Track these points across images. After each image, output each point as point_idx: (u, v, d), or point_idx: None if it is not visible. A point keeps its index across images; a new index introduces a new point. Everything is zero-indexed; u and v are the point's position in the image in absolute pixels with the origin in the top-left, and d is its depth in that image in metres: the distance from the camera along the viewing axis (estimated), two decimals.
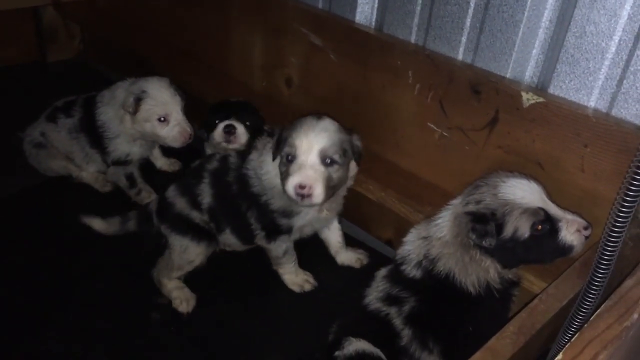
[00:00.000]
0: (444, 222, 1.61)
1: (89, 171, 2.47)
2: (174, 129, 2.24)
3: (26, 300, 1.93)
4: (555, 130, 1.70)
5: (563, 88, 1.72)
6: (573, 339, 1.05)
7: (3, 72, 3.29)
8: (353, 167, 1.87)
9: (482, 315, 1.57)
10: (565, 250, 1.53)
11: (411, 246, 1.67)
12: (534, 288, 1.68)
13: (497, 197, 1.52)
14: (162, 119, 2.23)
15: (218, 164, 1.96)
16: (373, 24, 2.19)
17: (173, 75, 2.84)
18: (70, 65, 3.58)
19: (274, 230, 1.92)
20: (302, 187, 1.65)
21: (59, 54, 3.61)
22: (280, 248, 1.99)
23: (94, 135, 2.36)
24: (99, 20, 3.48)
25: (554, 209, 1.54)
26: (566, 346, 1.03)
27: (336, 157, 1.70)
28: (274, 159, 1.78)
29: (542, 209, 1.51)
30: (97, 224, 2.12)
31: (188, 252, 1.95)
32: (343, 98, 2.29)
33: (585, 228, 1.53)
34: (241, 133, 2.18)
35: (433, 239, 1.61)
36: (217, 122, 2.20)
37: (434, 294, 1.58)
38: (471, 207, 1.55)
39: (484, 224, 1.49)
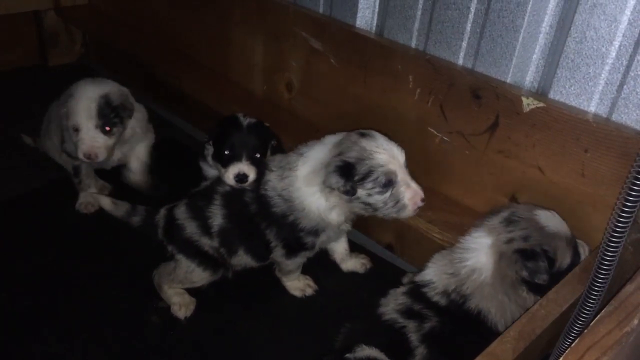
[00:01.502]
0: (479, 264, 1.55)
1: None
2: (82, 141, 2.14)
3: (27, 302, 1.93)
4: (556, 135, 1.70)
5: (563, 93, 1.72)
6: (573, 344, 1.04)
7: (4, 76, 3.30)
8: None
9: None
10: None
11: (433, 277, 1.62)
12: None
13: (545, 231, 1.52)
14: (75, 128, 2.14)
15: (230, 187, 1.92)
16: (374, 28, 2.19)
17: (172, 78, 2.86)
18: (72, 69, 3.58)
19: (297, 248, 1.91)
20: (423, 199, 1.75)
21: (60, 57, 3.61)
22: (297, 263, 2.00)
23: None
24: (100, 24, 3.49)
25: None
26: (566, 351, 1.03)
27: None
28: (352, 194, 1.72)
29: (573, 236, 1.56)
30: (106, 203, 2.08)
31: (193, 275, 1.94)
32: (343, 102, 2.29)
33: (591, 251, 1.62)
34: (253, 178, 1.93)
35: (466, 279, 1.56)
36: (226, 163, 1.93)
37: (460, 323, 1.54)
38: (520, 245, 1.52)
39: (536, 261, 1.49)
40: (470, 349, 1.48)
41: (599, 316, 1.11)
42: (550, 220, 1.55)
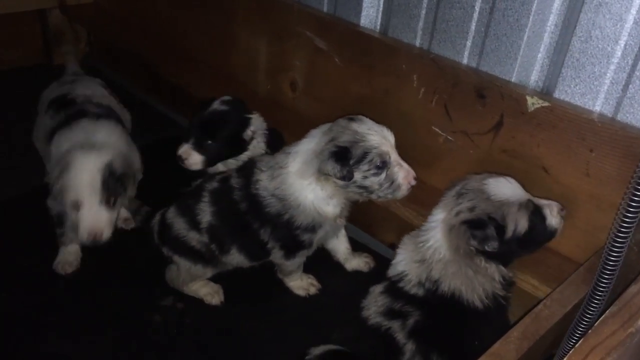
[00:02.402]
0: (437, 242, 1.58)
1: None
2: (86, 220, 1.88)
3: (27, 302, 1.94)
4: (561, 135, 1.69)
5: (568, 92, 1.71)
6: (577, 344, 1.04)
7: (8, 74, 3.31)
8: None
9: (487, 328, 1.55)
10: (551, 234, 1.59)
11: (405, 268, 1.63)
12: (539, 293, 1.67)
13: (491, 199, 1.53)
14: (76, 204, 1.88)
15: (218, 185, 1.93)
16: (378, 27, 2.19)
17: (177, 78, 2.87)
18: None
19: (295, 247, 1.91)
20: (415, 178, 1.79)
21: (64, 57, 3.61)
22: (297, 263, 1.99)
23: None
24: (105, 23, 3.50)
25: (535, 199, 1.58)
26: (570, 352, 1.02)
27: None
28: (349, 179, 1.72)
29: (530, 200, 1.55)
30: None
31: (195, 271, 1.95)
32: (347, 102, 2.29)
33: (562, 209, 1.60)
34: (193, 163, 2.08)
35: (432, 262, 1.57)
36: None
37: (440, 310, 1.55)
38: (466, 216, 1.53)
39: (483, 229, 1.49)
40: (457, 330, 1.54)
41: (603, 317, 1.11)
42: (500, 187, 1.55)
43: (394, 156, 1.76)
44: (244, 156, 2.13)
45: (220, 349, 1.83)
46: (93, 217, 1.88)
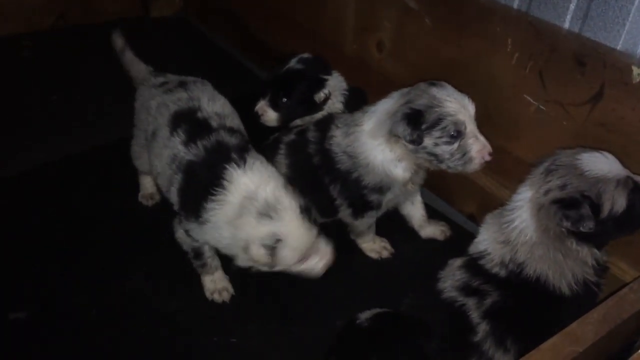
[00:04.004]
0: (524, 223, 1.49)
1: None
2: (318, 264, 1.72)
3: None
4: None
5: None
6: None
7: (109, 27, 3.46)
8: None
9: (574, 316, 1.42)
10: None
11: (487, 247, 1.56)
12: (626, 277, 1.58)
13: (584, 176, 1.41)
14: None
15: (295, 137, 1.97)
16: None
17: (266, 34, 2.89)
18: (172, 21, 3.71)
19: (363, 207, 1.91)
20: (491, 154, 1.71)
21: (162, 9, 3.73)
22: (366, 224, 1.99)
23: None
24: None
25: (634, 175, 1.45)
26: None
27: None
28: (419, 143, 1.70)
29: (629, 176, 1.42)
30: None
31: None
32: (435, 65, 2.21)
33: None
34: (268, 119, 2.13)
35: (517, 244, 1.49)
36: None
37: (521, 294, 1.47)
38: (557, 194, 1.43)
39: (577, 209, 1.39)
40: (538, 316, 1.45)
41: None
42: (595, 163, 1.43)
43: (470, 127, 1.70)
44: (319, 115, 2.14)
45: (291, 303, 1.89)
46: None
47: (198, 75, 2.09)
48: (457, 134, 1.67)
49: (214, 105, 1.87)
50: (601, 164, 1.44)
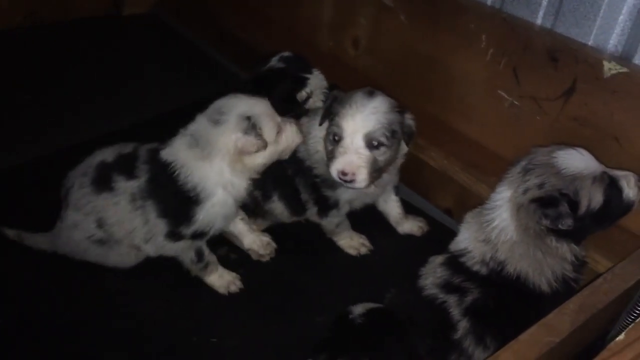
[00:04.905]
0: (504, 222, 1.50)
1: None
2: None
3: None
4: (638, 103, 1.59)
5: None
6: (638, 319, 1.00)
7: (81, 24, 3.40)
8: (403, 146, 1.83)
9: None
10: (627, 208, 1.48)
11: (467, 245, 1.56)
12: (599, 267, 1.61)
13: (561, 174, 1.43)
14: None
15: None
16: None
17: (241, 31, 2.87)
18: (144, 18, 3.65)
19: (324, 205, 1.92)
20: (344, 173, 1.66)
21: (134, 7, 3.66)
22: (333, 223, 2.00)
23: None
24: None
25: (609, 170, 1.47)
26: (629, 327, 0.98)
27: (383, 139, 1.68)
28: (320, 124, 1.77)
29: (604, 172, 1.45)
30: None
31: None
32: (411, 62, 2.23)
33: (639, 180, 1.49)
34: None
35: (497, 243, 1.50)
36: None
37: (502, 291, 1.48)
38: (535, 193, 1.44)
39: (555, 207, 1.40)
40: (517, 314, 1.45)
41: None
42: (571, 160, 1.45)
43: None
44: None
45: (271, 300, 1.87)
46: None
47: (172, 73, 2.06)
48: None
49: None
50: (577, 161, 1.45)
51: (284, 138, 1.76)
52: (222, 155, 1.69)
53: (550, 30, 1.81)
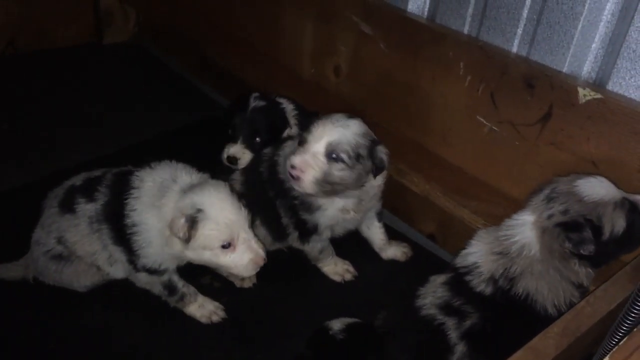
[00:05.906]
0: (527, 239, 1.51)
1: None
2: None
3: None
4: (613, 129, 1.63)
5: (623, 85, 1.65)
6: (621, 342, 1.01)
7: (61, 53, 3.40)
8: (379, 179, 1.85)
9: None
10: None
11: (478, 259, 1.56)
12: None
13: (584, 201, 1.46)
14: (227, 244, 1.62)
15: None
16: (425, 13, 2.15)
17: (222, 59, 2.89)
18: (125, 47, 3.66)
19: (304, 230, 1.92)
20: (293, 167, 1.68)
21: (115, 36, 3.69)
22: (315, 249, 2.00)
23: None
24: (154, 4, 3.55)
25: (629, 195, 1.50)
26: (613, 349, 0.99)
27: (344, 156, 1.68)
28: (299, 144, 1.77)
29: (625, 198, 1.48)
30: None
31: None
32: (391, 88, 2.26)
33: None
34: (244, 162, 2.06)
35: (515, 256, 1.50)
36: (226, 141, 2.08)
37: (504, 314, 1.49)
38: (560, 219, 1.47)
39: (579, 231, 1.44)
40: (517, 338, 1.42)
41: None
42: (592, 188, 1.48)
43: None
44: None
45: (255, 328, 1.85)
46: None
47: (153, 100, 2.06)
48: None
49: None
50: (597, 189, 1.49)
51: (229, 257, 1.61)
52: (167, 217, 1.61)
53: (525, 58, 1.85)
